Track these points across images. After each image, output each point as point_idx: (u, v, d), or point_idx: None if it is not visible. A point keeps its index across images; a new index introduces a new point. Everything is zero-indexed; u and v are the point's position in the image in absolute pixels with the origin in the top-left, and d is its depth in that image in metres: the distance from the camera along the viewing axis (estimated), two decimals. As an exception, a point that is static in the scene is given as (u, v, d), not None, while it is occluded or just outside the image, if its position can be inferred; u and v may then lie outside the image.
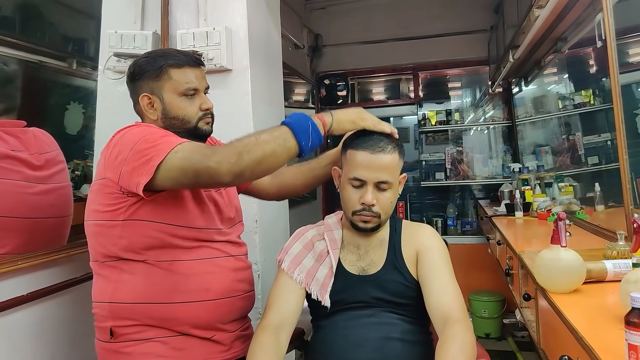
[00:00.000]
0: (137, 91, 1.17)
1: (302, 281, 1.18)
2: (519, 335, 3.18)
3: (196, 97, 1.17)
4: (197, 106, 1.17)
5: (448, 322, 1.03)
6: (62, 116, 2.35)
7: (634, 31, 1.83)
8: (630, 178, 1.44)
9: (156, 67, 1.14)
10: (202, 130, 1.18)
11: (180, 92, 1.15)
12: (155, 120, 1.16)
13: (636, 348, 0.70)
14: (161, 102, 1.15)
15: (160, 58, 1.16)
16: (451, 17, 3.87)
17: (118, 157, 1.03)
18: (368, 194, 1.13)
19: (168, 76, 1.14)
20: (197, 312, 1.11)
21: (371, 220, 1.16)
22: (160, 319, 1.09)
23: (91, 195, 1.13)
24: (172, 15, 1.83)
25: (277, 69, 2.11)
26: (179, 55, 1.18)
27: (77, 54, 2.44)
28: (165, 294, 1.09)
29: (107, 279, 1.11)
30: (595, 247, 1.44)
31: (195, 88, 1.16)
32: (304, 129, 1.01)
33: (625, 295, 0.79)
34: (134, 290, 1.09)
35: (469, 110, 4.21)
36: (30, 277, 1.31)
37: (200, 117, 1.17)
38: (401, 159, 1.18)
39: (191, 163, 0.98)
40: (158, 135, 1.03)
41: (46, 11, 2.39)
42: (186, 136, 1.12)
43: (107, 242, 1.09)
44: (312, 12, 4.18)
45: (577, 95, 2.61)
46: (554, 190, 2.65)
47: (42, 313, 1.34)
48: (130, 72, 1.18)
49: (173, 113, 1.15)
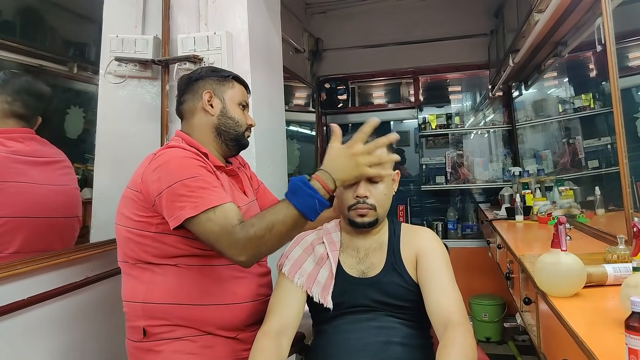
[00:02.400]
0: (197, 90, 1.27)
1: (302, 285, 1.18)
2: (520, 339, 3.17)
3: (245, 112, 1.33)
4: (246, 118, 1.31)
5: (448, 325, 1.03)
6: (63, 120, 2.36)
7: (633, 35, 1.84)
8: (631, 182, 1.44)
9: (223, 75, 1.31)
10: (245, 140, 1.32)
11: (238, 102, 1.30)
12: (213, 116, 1.26)
13: (636, 352, 0.70)
14: (222, 102, 1.27)
15: (226, 71, 1.34)
16: (451, 22, 3.88)
17: (158, 183, 1.10)
18: (360, 187, 1.15)
19: (232, 85, 1.30)
20: (225, 314, 1.17)
21: (367, 213, 1.16)
22: (190, 319, 1.15)
23: (124, 200, 1.18)
24: (173, 19, 1.84)
25: (278, 73, 2.11)
26: (238, 76, 1.35)
27: (78, 58, 2.44)
28: (196, 297, 1.15)
29: (139, 280, 1.16)
30: (596, 251, 1.44)
31: (247, 103, 1.33)
32: (313, 209, 1.06)
33: (626, 299, 0.79)
34: (166, 291, 1.14)
35: (469, 114, 4.22)
36: (34, 280, 1.32)
37: (246, 129, 1.31)
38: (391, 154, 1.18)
39: (215, 240, 1.05)
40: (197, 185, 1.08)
41: (47, 15, 2.40)
42: (233, 140, 1.28)
43: (138, 248, 1.16)
44: (313, 17, 4.19)
45: (577, 99, 2.62)
46: (555, 194, 2.65)
47: (45, 315, 1.34)
48: (195, 73, 1.31)
49: (231, 113, 1.28)
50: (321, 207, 1.07)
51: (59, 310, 1.39)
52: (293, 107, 4.16)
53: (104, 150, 1.89)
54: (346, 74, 4.19)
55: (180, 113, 1.32)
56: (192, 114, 1.28)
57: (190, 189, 1.07)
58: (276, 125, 2.04)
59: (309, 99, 4.30)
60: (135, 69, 1.80)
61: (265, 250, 1.07)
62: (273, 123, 1.98)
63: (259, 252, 1.06)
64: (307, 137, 4.32)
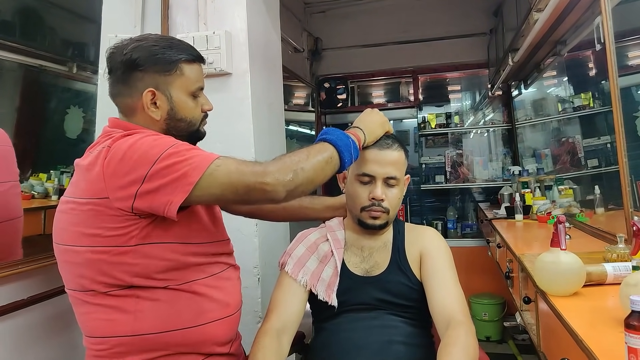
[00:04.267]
0: (134, 83, 1.00)
1: (306, 283, 1.17)
2: (520, 338, 3.17)
3: (199, 97, 1.06)
4: (200, 107, 1.06)
5: (451, 324, 1.03)
6: (62, 120, 2.36)
7: (632, 34, 1.84)
8: (630, 181, 1.44)
9: (169, 59, 1.00)
10: (201, 132, 1.09)
11: (190, 92, 1.03)
12: (157, 120, 1.01)
13: (636, 351, 0.70)
14: (168, 100, 1.01)
15: (171, 49, 1.01)
16: (450, 21, 3.88)
17: (131, 174, 0.89)
18: (378, 188, 1.15)
19: (181, 72, 1.01)
20: (221, 329, 1.06)
21: (380, 216, 1.17)
22: (189, 344, 1.00)
23: (78, 216, 0.94)
24: (172, 19, 1.84)
25: (277, 72, 2.11)
26: (190, 49, 1.05)
27: (77, 58, 2.44)
28: (194, 318, 1.00)
29: (121, 310, 0.97)
30: (595, 250, 1.44)
31: (202, 87, 1.07)
32: (347, 147, 1.01)
33: (625, 298, 0.79)
34: (159, 318, 0.98)
35: (469, 113, 4.22)
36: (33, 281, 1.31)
37: (201, 119, 1.08)
38: (406, 158, 1.21)
39: (243, 179, 0.90)
40: (183, 148, 0.92)
41: (46, 15, 2.40)
42: (185, 138, 1.02)
43: (113, 269, 0.94)
44: (312, 16, 4.19)
45: (576, 98, 2.62)
46: (554, 193, 2.65)
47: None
48: (129, 57, 0.99)
49: (181, 114, 1.02)
50: (355, 150, 1.03)
51: (57, 311, 1.39)
52: (292, 106, 4.16)
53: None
54: (345, 74, 4.19)
55: (115, 103, 1.07)
56: (131, 111, 1.03)
57: (180, 154, 0.90)
58: (275, 124, 2.04)
59: (308, 98, 4.30)
60: (134, 68, 1.80)
61: (302, 177, 0.93)
62: (272, 123, 1.98)
63: (297, 181, 0.92)
64: (307, 137, 4.32)
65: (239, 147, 1.74)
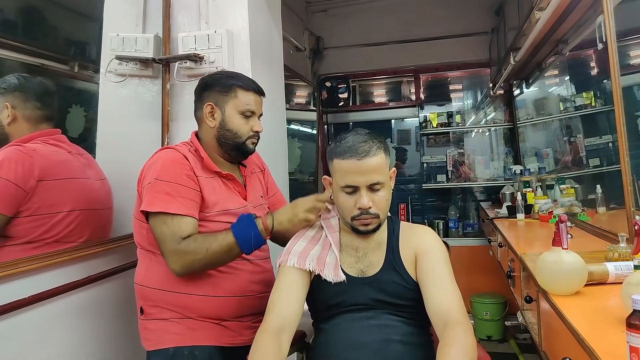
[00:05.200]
0: (203, 99, 1.35)
1: (314, 269, 1.18)
2: (521, 337, 3.17)
3: (251, 119, 1.35)
4: (249, 127, 1.35)
5: (448, 324, 1.03)
6: (64, 119, 2.36)
7: (634, 33, 1.83)
8: (632, 180, 1.44)
9: (228, 84, 1.34)
10: (248, 147, 1.37)
11: (240, 111, 1.33)
12: (212, 128, 1.34)
13: (638, 350, 0.70)
14: (222, 114, 1.33)
15: (232, 79, 1.35)
16: (452, 20, 3.87)
17: (146, 178, 1.27)
18: (363, 198, 1.13)
19: (235, 94, 1.33)
20: (208, 305, 1.27)
21: (371, 222, 1.16)
22: (176, 305, 1.27)
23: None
24: (173, 18, 1.84)
25: (279, 71, 2.11)
26: (248, 81, 1.37)
27: (79, 57, 2.45)
28: (182, 286, 1.26)
29: (142, 264, 1.34)
30: (597, 249, 1.44)
31: (253, 111, 1.35)
32: (247, 239, 1.23)
33: (627, 298, 0.79)
34: (158, 277, 1.28)
35: (470, 112, 4.21)
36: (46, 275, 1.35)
37: (250, 137, 1.36)
38: (387, 155, 1.18)
39: (161, 241, 1.22)
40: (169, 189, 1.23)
41: (48, 14, 2.40)
42: (233, 149, 1.35)
43: (140, 235, 1.32)
44: (314, 15, 4.19)
45: (578, 97, 2.61)
46: (556, 192, 2.65)
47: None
48: (203, 82, 1.37)
49: (229, 126, 1.33)
50: (256, 241, 1.24)
51: (57, 311, 1.39)
52: (294, 105, 4.16)
53: (105, 149, 1.89)
54: (347, 73, 4.19)
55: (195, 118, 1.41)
56: (200, 121, 1.38)
57: (162, 189, 1.23)
58: (277, 124, 2.04)
59: (310, 97, 4.30)
60: (136, 67, 1.80)
61: (198, 266, 1.22)
62: (274, 122, 1.99)
63: (192, 267, 1.22)
64: (308, 136, 4.32)
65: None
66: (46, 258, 1.36)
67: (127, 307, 1.55)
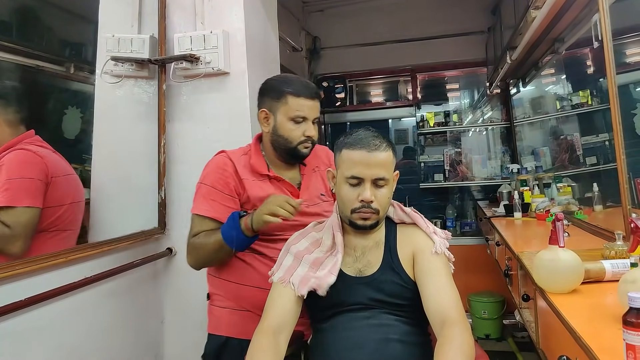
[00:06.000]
0: (259, 105, 1.43)
1: (296, 289, 1.16)
2: (519, 335, 3.17)
3: (303, 124, 1.39)
4: (301, 131, 1.38)
5: (446, 323, 1.03)
6: (60, 121, 2.35)
7: (630, 31, 1.84)
8: (628, 178, 1.44)
9: (279, 90, 1.38)
10: (301, 152, 1.41)
11: (290, 117, 1.37)
12: (267, 133, 1.41)
13: (634, 348, 0.70)
14: (274, 120, 1.39)
15: (285, 84, 1.39)
16: (448, 19, 3.88)
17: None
18: (366, 190, 1.14)
19: (285, 101, 1.37)
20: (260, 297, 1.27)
21: (370, 217, 1.16)
22: (234, 295, 1.39)
23: None
24: (169, 18, 1.84)
25: (275, 71, 2.11)
26: (300, 86, 1.40)
27: (75, 58, 2.44)
28: (239, 276, 1.38)
29: None
30: (594, 247, 1.44)
31: (304, 116, 1.38)
32: (231, 239, 1.30)
33: (623, 295, 0.79)
34: (221, 267, 1.41)
35: (467, 111, 4.22)
36: (32, 280, 1.31)
37: (302, 142, 1.39)
38: (394, 156, 1.20)
39: (187, 236, 1.39)
40: (204, 192, 1.38)
41: (43, 15, 2.39)
42: (287, 153, 1.41)
43: None
44: (310, 15, 4.19)
45: (574, 96, 2.62)
46: (553, 191, 2.65)
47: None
48: (260, 87, 1.44)
49: (280, 132, 1.38)
50: (239, 241, 1.30)
51: (57, 312, 1.39)
52: (291, 105, 4.15)
53: (101, 151, 1.89)
54: (344, 73, 4.19)
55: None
56: (259, 123, 1.45)
57: (201, 193, 1.39)
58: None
59: (307, 97, 4.29)
60: (131, 68, 1.80)
61: (204, 260, 1.39)
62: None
63: (199, 260, 1.38)
64: (306, 136, 4.32)
65: (237, 146, 1.73)
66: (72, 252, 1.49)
67: (102, 322, 1.59)
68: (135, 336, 1.74)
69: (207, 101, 1.80)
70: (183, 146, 1.83)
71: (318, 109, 1.43)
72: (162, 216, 1.82)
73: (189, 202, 1.79)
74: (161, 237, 1.84)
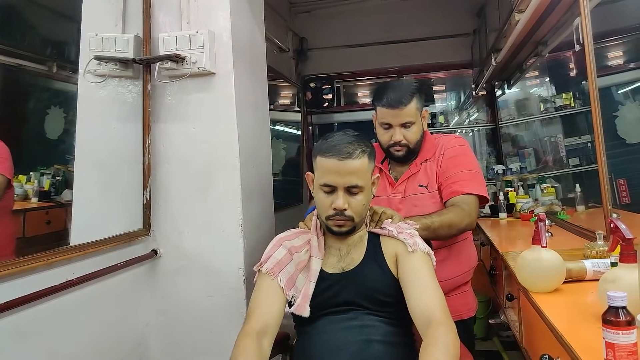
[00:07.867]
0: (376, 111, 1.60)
1: (283, 286, 1.18)
2: (504, 335, 3.20)
3: (390, 130, 1.55)
4: (389, 136, 1.55)
5: (431, 323, 1.03)
6: (43, 120, 2.31)
7: (611, 35, 1.87)
8: (609, 179, 1.47)
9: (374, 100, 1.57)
10: (394, 155, 1.57)
11: (379, 123, 1.57)
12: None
13: (613, 346, 0.71)
14: (374, 126, 1.60)
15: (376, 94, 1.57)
16: (435, 21, 3.91)
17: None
18: (339, 199, 1.13)
19: (376, 110, 1.56)
20: None
21: (345, 224, 1.17)
22: None
23: None
24: (154, 18, 1.81)
25: (262, 72, 2.10)
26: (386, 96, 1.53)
27: (57, 57, 2.40)
28: None
29: None
30: (576, 247, 1.46)
31: (388, 123, 1.54)
32: None
33: (603, 294, 0.80)
34: None
35: (454, 112, 4.25)
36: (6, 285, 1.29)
37: (390, 145, 1.55)
38: (371, 161, 1.19)
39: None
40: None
41: (26, 13, 2.35)
42: (388, 155, 1.60)
43: None
44: (297, 16, 4.18)
45: (558, 98, 2.66)
46: (537, 192, 2.69)
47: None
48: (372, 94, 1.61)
49: (378, 137, 1.60)
50: None
51: (38, 316, 1.36)
52: (278, 106, 4.14)
53: (84, 151, 1.85)
54: (331, 74, 4.19)
55: None
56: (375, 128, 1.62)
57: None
58: (260, 124, 2.03)
59: (294, 98, 4.29)
60: (115, 68, 1.77)
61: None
62: (257, 122, 1.97)
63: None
64: (293, 137, 4.31)
65: (223, 147, 1.73)
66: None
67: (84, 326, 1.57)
68: (119, 339, 1.71)
69: (192, 102, 1.79)
70: (168, 147, 1.81)
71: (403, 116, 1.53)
72: (147, 217, 1.79)
73: (175, 203, 1.78)
74: (146, 238, 1.82)
